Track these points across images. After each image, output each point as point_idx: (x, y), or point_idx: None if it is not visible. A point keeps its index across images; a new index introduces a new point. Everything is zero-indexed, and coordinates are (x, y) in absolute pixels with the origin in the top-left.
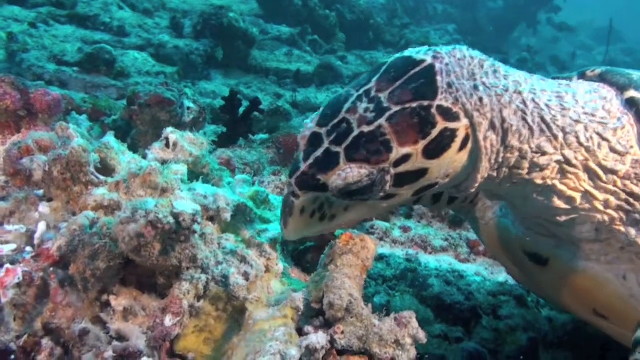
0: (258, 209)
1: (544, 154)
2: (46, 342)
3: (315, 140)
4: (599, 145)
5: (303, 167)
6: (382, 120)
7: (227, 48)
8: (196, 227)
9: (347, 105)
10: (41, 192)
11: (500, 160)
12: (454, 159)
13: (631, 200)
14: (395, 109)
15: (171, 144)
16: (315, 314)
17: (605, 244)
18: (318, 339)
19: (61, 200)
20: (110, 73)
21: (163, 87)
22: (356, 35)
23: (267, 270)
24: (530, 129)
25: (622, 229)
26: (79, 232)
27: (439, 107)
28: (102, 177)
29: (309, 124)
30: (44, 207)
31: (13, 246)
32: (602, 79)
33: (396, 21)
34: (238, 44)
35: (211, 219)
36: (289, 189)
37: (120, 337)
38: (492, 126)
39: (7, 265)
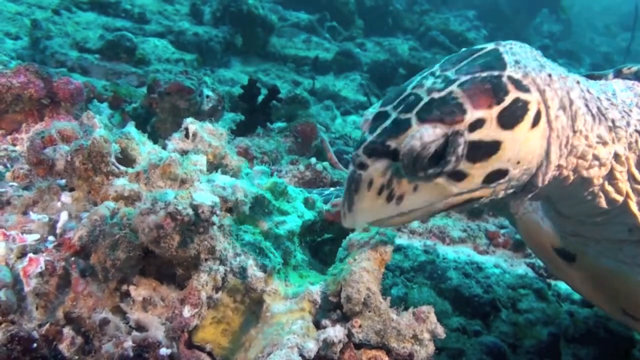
0: (276, 201)
1: (604, 143)
2: (67, 331)
3: (380, 116)
4: (637, 142)
5: (370, 138)
6: (453, 87)
7: (246, 35)
8: (215, 218)
9: (412, 84)
10: (63, 181)
11: (568, 148)
12: (527, 137)
13: None
14: (465, 77)
15: (191, 135)
16: (333, 308)
17: (635, 245)
18: (335, 332)
19: (83, 190)
20: (131, 60)
21: (183, 75)
22: (375, 22)
23: (285, 262)
24: (593, 116)
25: None
26: (99, 223)
27: (510, 77)
28: (122, 168)
29: (368, 111)
30: (66, 197)
31: (36, 236)
32: (637, 76)
33: (416, 7)
34: (257, 30)
35: (229, 210)
36: (354, 164)
37: (140, 327)
38: (562, 106)
39: (31, 255)
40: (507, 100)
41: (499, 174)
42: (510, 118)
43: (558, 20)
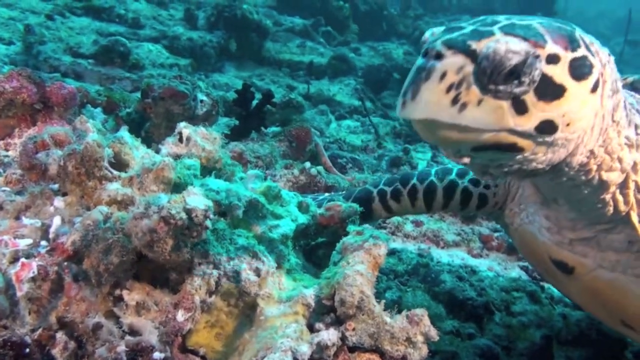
0: (270, 205)
1: (630, 146)
2: (60, 335)
3: (453, 29)
4: None
5: (448, 36)
6: (533, 22)
7: (241, 40)
8: (208, 222)
9: (481, 18)
10: (56, 186)
11: (604, 137)
12: (586, 99)
13: None
14: (542, 20)
15: (184, 139)
16: (327, 311)
17: (635, 256)
18: (329, 335)
19: (76, 194)
20: (125, 65)
21: (176, 80)
22: (369, 27)
23: (279, 266)
24: (626, 115)
25: None
26: (92, 227)
27: (581, 37)
28: (115, 172)
29: (430, 30)
30: (58, 202)
31: (29, 241)
32: (633, 87)
33: (410, 12)
34: (251, 35)
35: (223, 214)
36: (428, 55)
37: (133, 332)
38: (612, 89)
39: (23, 260)
40: (579, 53)
41: (551, 127)
42: (579, 69)
43: None
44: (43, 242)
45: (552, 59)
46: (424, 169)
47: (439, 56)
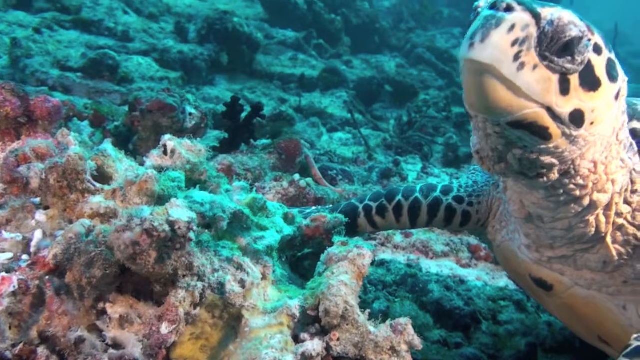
0: (255, 216)
1: (623, 168)
2: (42, 350)
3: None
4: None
5: None
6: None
7: (232, 53)
8: (192, 234)
9: None
10: (38, 200)
11: (608, 153)
12: (610, 103)
13: (638, 234)
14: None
15: (169, 151)
16: (312, 321)
17: (609, 276)
18: (314, 346)
19: (58, 208)
20: (114, 78)
21: (165, 93)
22: (362, 39)
23: (264, 277)
24: (627, 138)
25: (630, 262)
26: (75, 240)
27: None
28: (98, 185)
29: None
30: (40, 215)
31: (9, 255)
32: None
33: (402, 25)
34: (242, 48)
35: (207, 226)
36: (497, 7)
37: (116, 345)
38: (623, 110)
39: (3, 274)
40: (612, 56)
41: (580, 119)
42: (612, 71)
43: None
44: (24, 256)
45: (597, 50)
46: (409, 185)
47: (509, 9)
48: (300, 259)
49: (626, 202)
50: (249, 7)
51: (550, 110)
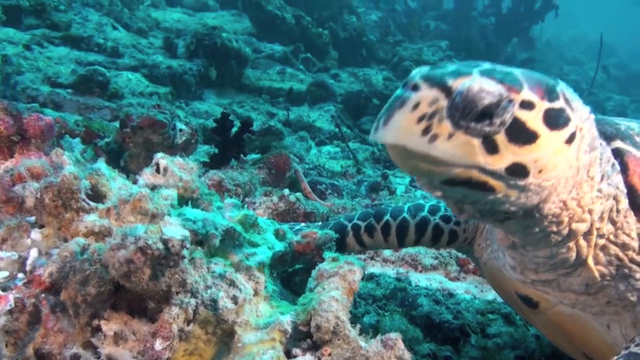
0: (246, 233)
1: (601, 197)
2: None
3: (438, 66)
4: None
5: (429, 71)
6: (514, 70)
7: (221, 68)
8: (185, 252)
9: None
10: (33, 218)
11: (578, 190)
12: (560, 148)
13: (620, 254)
14: (524, 71)
15: (162, 169)
16: (303, 337)
17: (592, 297)
18: None
19: (53, 226)
20: (104, 94)
21: (155, 109)
22: (349, 53)
23: (256, 293)
24: (601, 171)
25: (612, 283)
26: (70, 259)
27: (562, 91)
28: (92, 204)
29: (417, 69)
30: (35, 234)
31: (5, 273)
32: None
33: (389, 38)
34: (231, 63)
35: (200, 243)
36: (406, 87)
37: None
38: (590, 146)
39: (0, 293)
40: (556, 104)
41: (522, 171)
42: (554, 119)
43: (527, 49)
44: (20, 275)
45: (527, 105)
46: (396, 205)
47: (415, 88)
48: (292, 274)
49: (611, 221)
50: (237, 21)
51: (482, 169)
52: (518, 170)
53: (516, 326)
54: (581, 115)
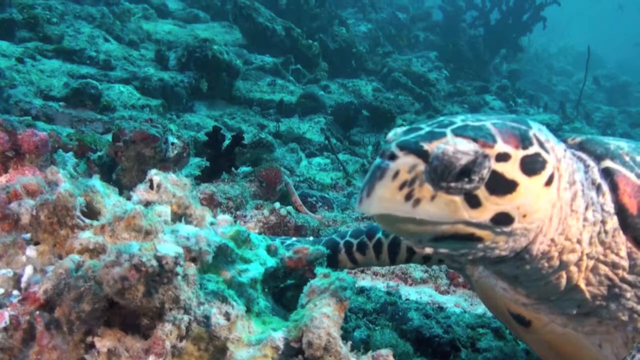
0: (239, 249)
1: (587, 225)
2: None
3: (412, 130)
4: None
5: (404, 137)
6: (486, 122)
7: (212, 80)
8: (178, 269)
9: (442, 117)
10: (28, 235)
11: (563, 225)
12: (540, 192)
13: (610, 274)
14: (497, 121)
15: (155, 186)
16: (295, 353)
17: (584, 316)
18: None
19: (48, 243)
20: (96, 107)
21: (147, 123)
22: (339, 64)
23: (248, 309)
24: (584, 201)
25: (604, 303)
26: (64, 276)
27: (535, 135)
28: (87, 221)
29: (394, 130)
30: (30, 251)
31: (0, 290)
32: (581, 147)
33: (379, 49)
34: (222, 75)
35: (193, 260)
36: (383, 156)
37: None
38: (569, 181)
39: None
40: (531, 150)
41: (507, 219)
42: (530, 165)
43: (516, 60)
44: (15, 292)
45: (502, 157)
46: None
47: (392, 157)
48: (283, 289)
49: (600, 242)
50: (228, 33)
51: (467, 222)
52: (502, 219)
53: (506, 340)
54: (557, 154)
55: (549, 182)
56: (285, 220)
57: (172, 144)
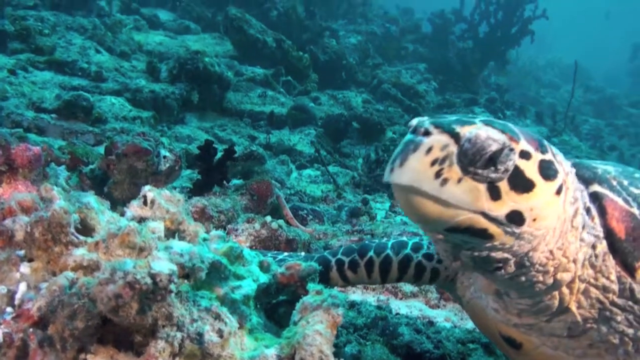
0: (232, 265)
1: (583, 246)
2: None
3: (438, 117)
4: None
5: (434, 120)
6: (508, 123)
7: (203, 91)
8: (172, 286)
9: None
10: (22, 252)
11: (563, 240)
12: (551, 200)
13: (601, 297)
14: (514, 125)
15: (149, 202)
16: None
17: (574, 339)
18: None
19: (42, 260)
20: (88, 119)
21: (140, 137)
22: (329, 75)
23: (241, 326)
24: (583, 220)
25: (594, 326)
26: (58, 293)
27: (549, 146)
28: (82, 237)
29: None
30: (25, 268)
31: None
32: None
33: (368, 61)
34: (213, 87)
35: (186, 276)
36: (416, 132)
37: None
38: (573, 197)
39: None
40: (547, 156)
41: (520, 218)
42: (546, 170)
43: (504, 73)
44: (8, 309)
45: (525, 155)
46: (380, 241)
47: (427, 133)
48: (275, 305)
49: (591, 265)
50: (219, 44)
51: (485, 214)
52: (516, 218)
53: (496, 356)
54: (565, 168)
55: (559, 192)
56: (277, 233)
57: (164, 157)
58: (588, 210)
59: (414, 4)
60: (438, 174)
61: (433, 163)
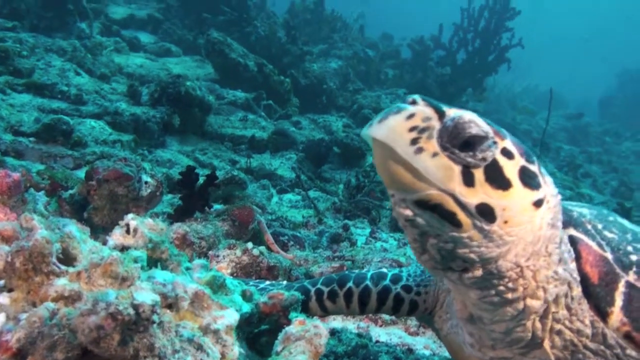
0: (215, 295)
1: (556, 280)
2: None
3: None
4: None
5: (429, 98)
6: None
7: (184, 115)
8: (155, 317)
9: None
10: (2, 282)
11: (535, 262)
12: (527, 208)
13: (575, 340)
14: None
15: (132, 230)
16: None
17: None
18: None
19: (22, 290)
20: (67, 143)
21: (121, 162)
22: (310, 100)
23: (223, 356)
24: (559, 253)
25: None
26: (38, 324)
27: (538, 163)
28: (63, 267)
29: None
30: (4, 298)
31: None
32: None
33: (349, 85)
34: (194, 111)
35: (169, 306)
36: (404, 101)
37: None
38: (552, 223)
39: None
40: (532, 168)
41: (490, 215)
42: (527, 178)
43: (481, 99)
44: None
45: (507, 154)
46: (360, 272)
47: (414, 102)
48: (257, 335)
49: (567, 307)
50: (200, 67)
51: (455, 198)
52: (486, 212)
53: None
54: (551, 190)
55: (537, 204)
56: (258, 260)
57: (146, 182)
58: (569, 252)
59: (393, 30)
60: (414, 141)
61: (412, 129)
